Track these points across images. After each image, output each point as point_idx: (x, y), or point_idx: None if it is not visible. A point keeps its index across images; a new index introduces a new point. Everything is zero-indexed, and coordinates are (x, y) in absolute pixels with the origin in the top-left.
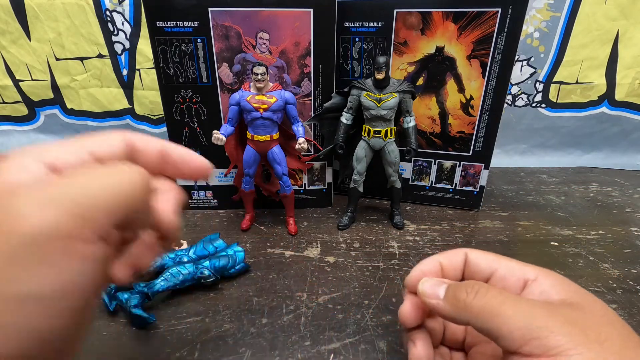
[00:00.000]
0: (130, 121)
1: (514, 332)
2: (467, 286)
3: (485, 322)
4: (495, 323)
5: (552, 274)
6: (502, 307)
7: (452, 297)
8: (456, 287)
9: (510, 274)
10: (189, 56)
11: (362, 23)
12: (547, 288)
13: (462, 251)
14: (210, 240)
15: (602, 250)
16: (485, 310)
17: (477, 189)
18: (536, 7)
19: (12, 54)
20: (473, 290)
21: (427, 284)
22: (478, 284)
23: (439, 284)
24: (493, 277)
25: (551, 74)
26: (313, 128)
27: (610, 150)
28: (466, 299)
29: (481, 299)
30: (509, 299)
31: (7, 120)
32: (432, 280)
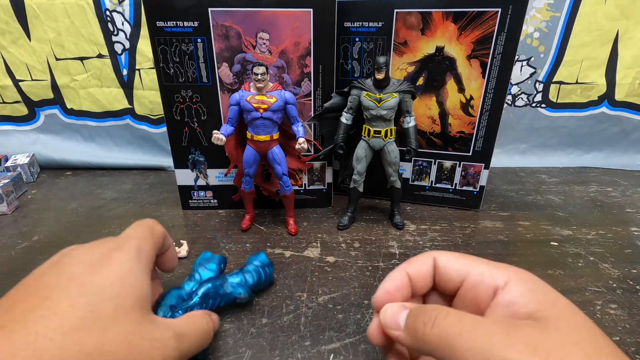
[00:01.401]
0: (130, 121)
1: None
2: (425, 315)
3: (444, 355)
4: (454, 356)
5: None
6: (459, 339)
7: (411, 327)
8: (415, 315)
9: (480, 281)
10: (189, 56)
11: (362, 23)
12: (515, 297)
13: (430, 257)
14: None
15: (602, 250)
16: (443, 342)
17: (477, 189)
18: (536, 7)
19: (12, 54)
20: (430, 320)
21: (388, 313)
22: (436, 310)
23: (400, 312)
24: (464, 286)
25: (551, 74)
26: (313, 128)
27: (610, 150)
28: (424, 330)
29: (438, 329)
30: (467, 327)
31: (7, 120)
32: (394, 307)
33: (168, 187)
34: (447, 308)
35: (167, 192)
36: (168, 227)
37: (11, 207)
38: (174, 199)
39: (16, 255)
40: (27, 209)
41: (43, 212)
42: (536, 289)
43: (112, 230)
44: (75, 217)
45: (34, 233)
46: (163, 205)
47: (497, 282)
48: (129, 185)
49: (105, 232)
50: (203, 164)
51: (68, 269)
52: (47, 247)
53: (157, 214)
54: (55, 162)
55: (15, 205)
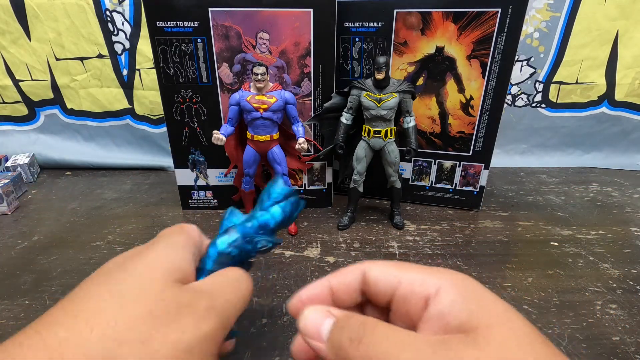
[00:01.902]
0: (130, 121)
1: None
2: (352, 330)
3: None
4: None
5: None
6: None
7: (336, 342)
8: (341, 328)
9: (411, 291)
10: (189, 56)
11: (362, 23)
12: (446, 307)
13: (359, 269)
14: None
15: (602, 250)
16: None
17: (477, 189)
18: (536, 7)
19: (12, 54)
20: (357, 338)
21: (310, 318)
22: (364, 325)
23: (324, 319)
24: (395, 299)
25: (551, 74)
26: (313, 128)
27: (610, 150)
28: (349, 349)
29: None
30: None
31: (7, 120)
32: (316, 312)
33: (168, 187)
34: (376, 322)
35: (167, 192)
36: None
37: (11, 207)
38: (174, 199)
39: (16, 255)
40: (27, 209)
41: (43, 212)
42: (468, 295)
43: (112, 230)
44: (75, 217)
45: (34, 233)
46: (163, 205)
47: (428, 291)
48: (129, 185)
49: (105, 232)
50: (203, 164)
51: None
52: (47, 247)
53: (157, 214)
54: (55, 162)
55: (15, 205)
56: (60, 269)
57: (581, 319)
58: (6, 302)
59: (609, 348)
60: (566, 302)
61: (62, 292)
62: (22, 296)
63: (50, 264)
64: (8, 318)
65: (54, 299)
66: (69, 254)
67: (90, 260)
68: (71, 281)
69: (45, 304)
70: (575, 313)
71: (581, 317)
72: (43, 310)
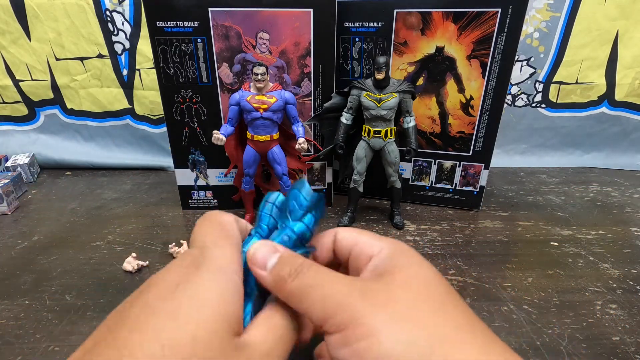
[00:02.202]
0: (130, 121)
1: (316, 314)
2: (292, 265)
3: (297, 303)
4: (304, 306)
5: (394, 247)
6: (311, 291)
7: (276, 274)
8: (283, 264)
9: (361, 251)
10: (189, 56)
11: (362, 23)
12: (380, 261)
13: (332, 232)
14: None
15: (602, 250)
16: (298, 293)
17: (477, 189)
18: (536, 7)
19: (12, 54)
20: (295, 272)
21: (259, 251)
22: (302, 265)
23: (272, 253)
24: (351, 257)
25: (551, 74)
26: (313, 128)
27: (610, 150)
28: (287, 279)
29: (298, 281)
30: (319, 281)
31: (7, 120)
32: (266, 246)
33: (168, 187)
34: (312, 263)
35: (167, 192)
36: (168, 227)
37: (11, 207)
38: (174, 199)
39: (16, 255)
40: (27, 209)
41: (43, 212)
42: (395, 255)
43: (112, 230)
44: (75, 217)
45: (34, 233)
46: (163, 205)
47: (373, 251)
48: (129, 185)
49: (105, 232)
50: (203, 164)
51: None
52: (47, 247)
53: (157, 214)
54: (55, 162)
55: (15, 205)
56: (60, 269)
57: (581, 319)
58: (6, 302)
59: (609, 348)
60: (566, 302)
61: (62, 292)
62: (22, 296)
63: (50, 264)
64: (8, 318)
65: (54, 299)
66: (69, 254)
67: (90, 260)
68: (71, 281)
69: (45, 304)
70: (575, 313)
71: (581, 317)
72: (43, 310)
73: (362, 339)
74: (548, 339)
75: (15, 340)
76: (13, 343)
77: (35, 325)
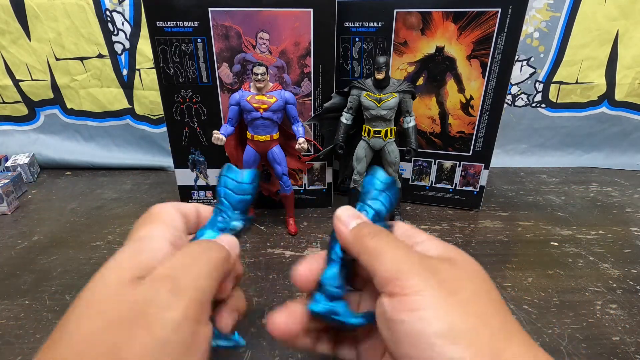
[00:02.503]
0: (130, 121)
1: (383, 272)
2: (371, 230)
3: (368, 260)
4: (375, 263)
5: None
6: (384, 250)
7: (357, 232)
8: (364, 226)
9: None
10: (189, 56)
11: (362, 23)
12: (431, 248)
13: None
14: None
15: (602, 250)
16: (373, 250)
17: (477, 189)
18: (536, 7)
19: (12, 54)
20: (373, 233)
21: (345, 213)
22: (380, 229)
23: (355, 217)
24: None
25: (551, 74)
26: (313, 128)
27: (610, 150)
28: (366, 237)
29: (375, 241)
30: (392, 246)
31: (7, 120)
32: (351, 210)
33: (168, 187)
34: (388, 232)
35: (167, 192)
36: None
37: (11, 207)
38: (174, 199)
39: (16, 255)
40: (27, 209)
41: (43, 212)
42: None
43: (112, 230)
44: (75, 217)
45: (34, 233)
46: None
47: (416, 239)
48: (129, 185)
49: (105, 232)
50: (203, 164)
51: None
52: (47, 247)
53: None
54: (55, 162)
55: (15, 205)
56: (60, 269)
57: (581, 319)
58: (6, 302)
59: (609, 348)
60: (566, 302)
61: (62, 292)
62: (22, 296)
63: (50, 264)
64: (8, 318)
65: (54, 299)
66: (69, 254)
67: (90, 260)
68: (71, 281)
69: (45, 304)
70: (575, 313)
71: (581, 317)
72: (43, 310)
73: (419, 310)
74: (548, 339)
75: (15, 340)
76: (13, 343)
77: (35, 325)
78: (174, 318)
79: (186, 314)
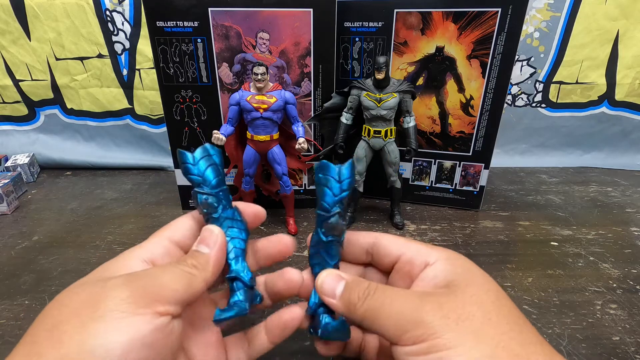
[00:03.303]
0: (130, 121)
1: (390, 331)
2: (359, 290)
3: (370, 324)
4: (377, 325)
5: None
6: (381, 309)
7: (346, 299)
8: (351, 289)
9: (415, 258)
10: (189, 56)
11: (362, 23)
12: (438, 272)
13: (372, 235)
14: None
15: (602, 250)
16: (369, 314)
17: (477, 189)
18: (536, 7)
19: (12, 54)
20: (363, 295)
21: (326, 282)
22: (367, 288)
23: (337, 282)
24: (400, 260)
25: (551, 74)
26: (313, 128)
27: (611, 150)
28: (356, 304)
29: (368, 303)
30: (388, 299)
31: (7, 120)
32: (331, 276)
33: (168, 187)
34: (377, 285)
35: (167, 192)
36: None
37: (11, 207)
38: (174, 199)
39: (16, 255)
40: (27, 209)
41: (43, 212)
42: (457, 265)
43: (112, 230)
44: (75, 217)
45: (34, 233)
46: (163, 205)
47: (428, 259)
48: (129, 185)
49: (105, 232)
50: None
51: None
52: (47, 247)
53: (157, 214)
54: (55, 162)
55: (15, 205)
56: (60, 269)
57: (581, 319)
58: (6, 302)
59: (609, 348)
60: (566, 302)
61: None
62: (22, 296)
63: (50, 264)
64: (8, 318)
65: None
66: (69, 254)
67: (90, 260)
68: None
69: (45, 304)
70: (575, 313)
71: (581, 317)
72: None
73: (438, 351)
74: (548, 339)
75: (15, 341)
76: (13, 343)
77: None
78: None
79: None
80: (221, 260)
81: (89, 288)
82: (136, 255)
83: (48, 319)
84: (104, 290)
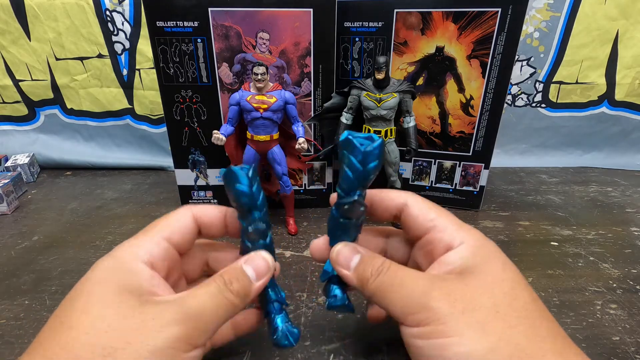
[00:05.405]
0: (130, 121)
1: (397, 310)
2: (373, 265)
3: (379, 300)
4: (385, 302)
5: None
6: (390, 289)
7: (360, 273)
8: (365, 264)
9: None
10: (189, 56)
11: (362, 23)
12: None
13: (402, 197)
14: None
15: (602, 250)
16: (380, 291)
17: (477, 189)
18: (536, 7)
19: (12, 54)
20: (376, 272)
21: (341, 253)
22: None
23: (353, 255)
24: (425, 238)
25: (551, 74)
26: (313, 128)
27: (610, 150)
28: (369, 279)
29: (380, 280)
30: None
31: (7, 120)
32: (347, 248)
33: (168, 187)
34: (391, 262)
35: (167, 192)
36: None
37: (11, 207)
38: (174, 199)
39: (16, 255)
40: (27, 209)
41: (43, 212)
42: (478, 253)
43: (112, 230)
44: (75, 217)
45: (34, 233)
46: (163, 205)
47: (453, 242)
48: (129, 185)
49: (105, 232)
50: (203, 164)
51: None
52: (47, 247)
53: (157, 214)
54: (55, 162)
55: (15, 205)
56: (60, 269)
57: (581, 318)
58: (6, 302)
59: (609, 348)
60: (566, 302)
61: (62, 292)
62: (22, 296)
63: (50, 264)
64: (8, 318)
65: (54, 299)
66: (69, 254)
67: (90, 260)
68: (71, 281)
69: (45, 304)
70: (575, 313)
71: (581, 317)
72: (43, 310)
73: (442, 337)
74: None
75: (15, 340)
76: (13, 343)
77: (35, 325)
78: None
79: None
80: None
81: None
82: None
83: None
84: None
